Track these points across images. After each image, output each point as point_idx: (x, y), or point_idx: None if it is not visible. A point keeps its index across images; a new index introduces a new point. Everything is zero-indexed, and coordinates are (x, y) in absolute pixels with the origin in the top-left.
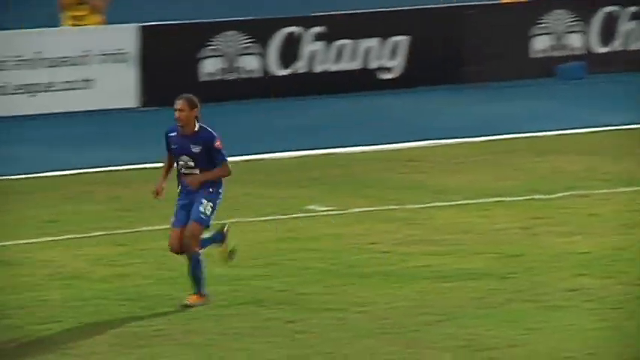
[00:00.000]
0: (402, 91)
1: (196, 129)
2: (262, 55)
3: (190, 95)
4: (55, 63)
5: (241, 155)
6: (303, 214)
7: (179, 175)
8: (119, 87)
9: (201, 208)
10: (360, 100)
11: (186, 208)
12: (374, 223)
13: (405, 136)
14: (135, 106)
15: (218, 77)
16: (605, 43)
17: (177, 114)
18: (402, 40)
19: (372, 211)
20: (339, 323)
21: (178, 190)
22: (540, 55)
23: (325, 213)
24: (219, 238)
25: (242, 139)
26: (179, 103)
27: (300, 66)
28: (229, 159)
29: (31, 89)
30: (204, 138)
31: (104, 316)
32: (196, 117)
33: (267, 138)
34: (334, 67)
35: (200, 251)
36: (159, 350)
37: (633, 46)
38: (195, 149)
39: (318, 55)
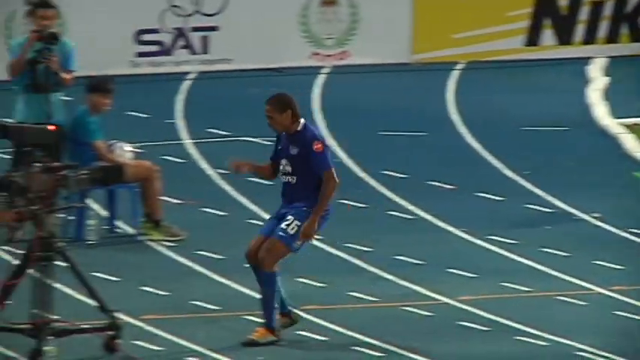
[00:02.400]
0: None
1: (299, 128)
2: None
3: (278, 96)
4: None
5: None
6: None
7: (282, 183)
8: None
9: (284, 225)
10: None
11: (277, 219)
12: None
13: None
14: None
15: None
16: None
17: (268, 121)
18: None
19: None
20: None
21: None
22: None
23: None
24: (271, 323)
25: None
26: (266, 109)
27: None
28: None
29: None
30: (304, 138)
31: None
32: (294, 117)
33: None
34: None
35: (274, 272)
36: None
37: None
38: (293, 151)
39: None
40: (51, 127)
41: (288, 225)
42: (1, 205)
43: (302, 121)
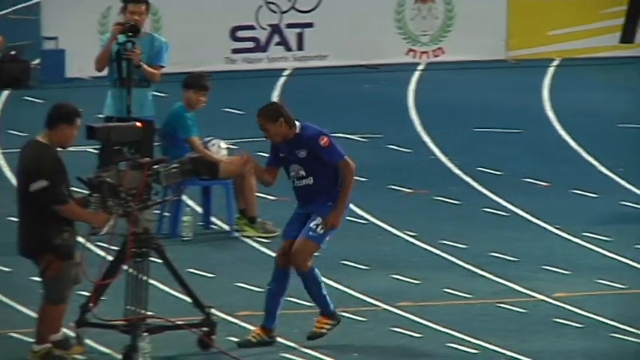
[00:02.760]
0: None
1: (297, 131)
2: None
3: (267, 106)
4: None
5: None
6: None
7: (294, 188)
8: None
9: (313, 225)
10: None
11: (300, 220)
12: None
13: None
14: None
15: None
16: None
17: (264, 134)
18: None
19: None
20: None
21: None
22: None
23: None
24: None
25: None
26: (259, 122)
27: None
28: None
29: None
30: (307, 138)
31: None
32: (288, 124)
33: None
34: None
35: (311, 268)
36: None
37: None
38: (301, 154)
39: None
40: (137, 124)
41: (317, 225)
42: (93, 206)
43: (297, 123)
